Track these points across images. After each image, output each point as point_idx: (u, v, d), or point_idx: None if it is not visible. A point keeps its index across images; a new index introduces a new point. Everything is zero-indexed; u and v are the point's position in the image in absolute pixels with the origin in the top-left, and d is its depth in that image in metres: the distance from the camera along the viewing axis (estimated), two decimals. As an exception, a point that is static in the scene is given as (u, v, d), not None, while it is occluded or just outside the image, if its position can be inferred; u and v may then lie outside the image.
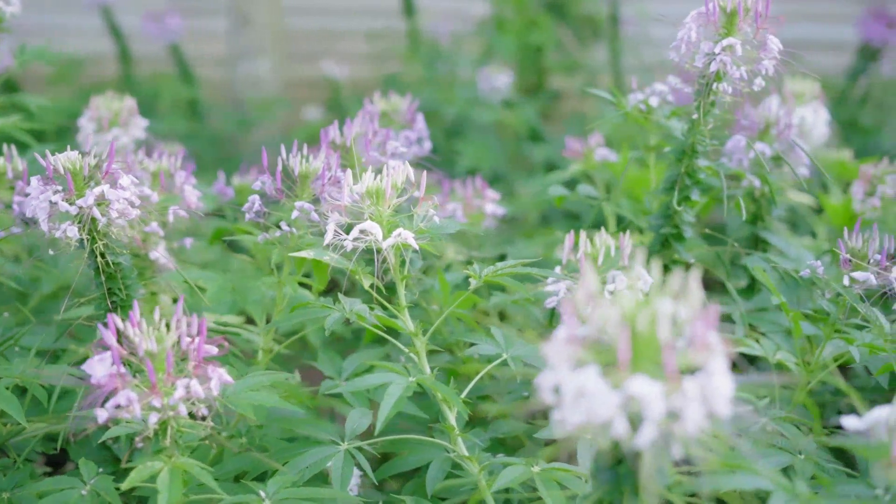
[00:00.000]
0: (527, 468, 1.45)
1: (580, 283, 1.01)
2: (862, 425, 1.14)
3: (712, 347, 1.00)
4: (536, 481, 1.43)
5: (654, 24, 5.08)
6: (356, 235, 1.50)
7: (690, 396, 0.97)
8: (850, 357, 1.65)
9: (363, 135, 1.92)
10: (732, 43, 1.67)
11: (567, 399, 0.99)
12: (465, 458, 1.55)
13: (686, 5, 3.67)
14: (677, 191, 1.82)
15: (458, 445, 1.57)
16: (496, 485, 1.41)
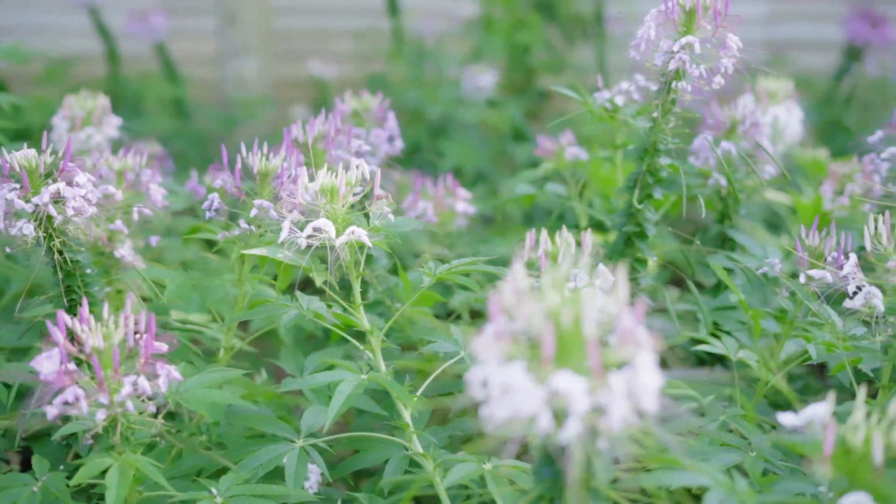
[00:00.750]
0: (478, 465, 1.45)
1: (508, 279, 1.01)
2: (798, 422, 1.14)
3: (640, 343, 1.00)
4: (486, 478, 1.43)
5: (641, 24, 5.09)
6: (310, 233, 1.50)
7: (615, 392, 0.97)
8: (810, 355, 1.65)
9: (332, 133, 1.92)
10: (691, 41, 1.67)
11: (494, 394, 0.99)
12: (421, 455, 1.56)
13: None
14: (639, 189, 1.82)
15: (414, 443, 1.58)
16: (445, 481, 1.42)
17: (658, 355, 1.02)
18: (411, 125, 4.05)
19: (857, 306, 1.42)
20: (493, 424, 1.00)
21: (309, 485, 1.70)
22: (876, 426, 1.09)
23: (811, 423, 1.13)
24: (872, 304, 1.40)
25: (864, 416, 1.10)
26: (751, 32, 5.50)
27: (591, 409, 0.97)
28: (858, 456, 1.08)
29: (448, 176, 2.41)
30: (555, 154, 2.36)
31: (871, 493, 1.07)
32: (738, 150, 2.08)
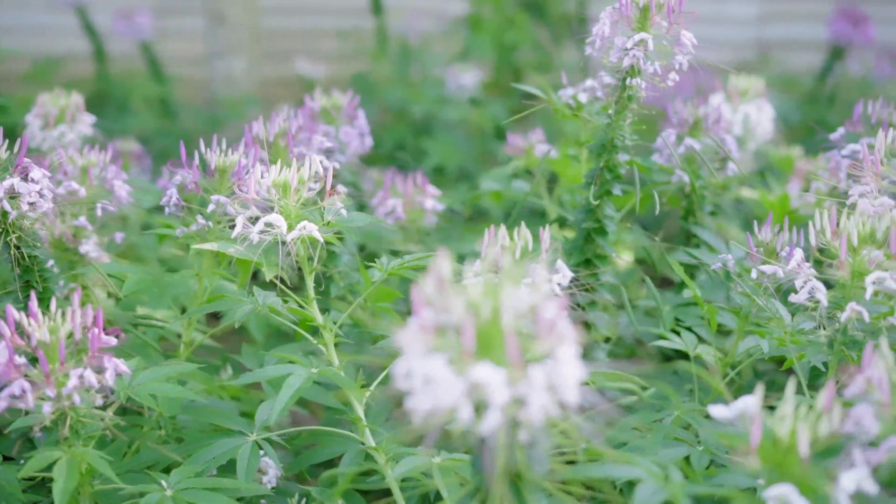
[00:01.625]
0: (427, 458, 1.46)
1: (430, 272, 1.02)
2: (730, 414, 1.15)
3: (561, 336, 1.01)
4: (434, 470, 1.44)
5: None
6: (261, 228, 1.51)
7: (535, 384, 0.98)
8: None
9: (293, 130, 1.93)
10: (645, 38, 1.68)
11: (417, 386, 1.00)
12: (373, 448, 1.57)
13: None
14: (597, 185, 1.83)
15: (366, 437, 1.59)
16: (393, 473, 1.43)
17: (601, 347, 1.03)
18: (395, 124, 4.07)
19: (801, 301, 1.42)
20: (418, 416, 1.01)
21: (267, 479, 1.71)
22: (804, 418, 1.10)
23: (742, 416, 1.14)
24: (816, 299, 1.41)
25: (791, 409, 1.11)
26: (742, 32, 5.52)
27: (511, 401, 0.98)
28: (785, 448, 1.09)
29: (418, 173, 2.42)
30: (524, 151, 2.37)
31: (798, 485, 1.08)
32: (702, 147, 2.09)
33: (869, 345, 1.13)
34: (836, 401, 1.11)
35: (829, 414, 1.10)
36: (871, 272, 1.38)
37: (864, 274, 1.39)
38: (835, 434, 1.10)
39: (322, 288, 2.09)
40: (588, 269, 1.88)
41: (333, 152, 2.28)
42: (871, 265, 1.41)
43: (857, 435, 1.12)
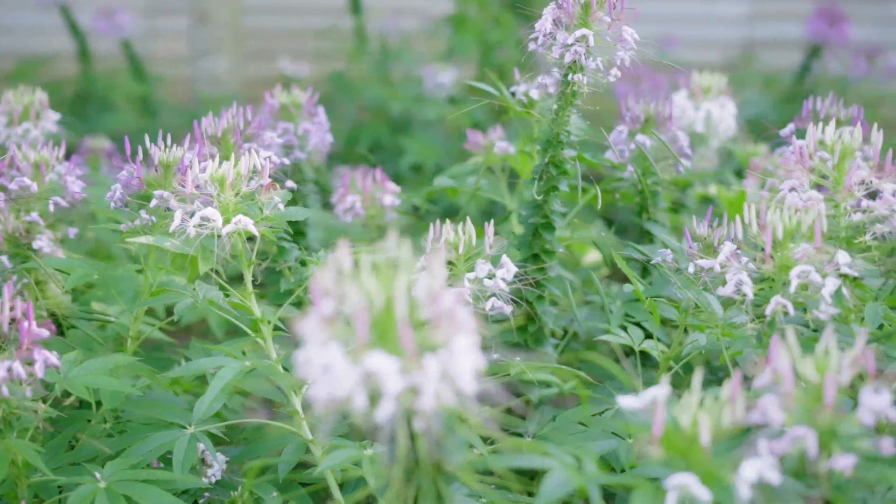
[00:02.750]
0: (359, 450, 1.47)
1: (329, 264, 1.03)
2: (639, 404, 1.15)
3: (458, 325, 1.02)
4: (364, 462, 1.45)
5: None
6: (198, 222, 1.53)
7: (429, 373, 0.99)
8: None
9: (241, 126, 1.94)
10: (585, 34, 1.69)
11: (315, 375, 1.01)
12: (310, 441, 1.58)
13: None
14: (543, 181, 1.83)
15: (303, 429, 1.60)
16: (321, 466, 1.44)
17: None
18: (373, 123, 4.09)
19: (728, 294, 1.43)
20: (318, 404, 1.02)
21: (212, 472, 1.72)
22: (709, 408, 1.11)
23: (651, 406, 1.14)
24: (743, 292, 1.42)
25: (696, 399, 1.12)
26: (731, 32, 5.52)
27: (405, 390, 0.99)
28: (689, 438, 1.10)
29: (377, 170, 2.43)
30: (484, 148, 2.38)
31: (702, 474, 1.09)
32: (655, 144, 2.10)
33: (775, 336, 1.14)
34: (743, 392, 1.12)
35: (733, 404, 1.11)
36: (796, 265, 1.39)
37: (791, 267, 1.40)
38: (739, 424, 1.11)
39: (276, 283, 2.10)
40: (535, 263, 1.89)
41: (293, 149, 2.29)
42: (803, 258, 1.42)
43: (764, 425, 1.13)
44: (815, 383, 1.11)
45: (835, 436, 1.13)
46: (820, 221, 1.40)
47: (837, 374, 1.10)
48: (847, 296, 1.41)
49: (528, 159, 2.25)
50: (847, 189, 1.45)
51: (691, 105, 2.56)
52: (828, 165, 1.49)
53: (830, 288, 1.38)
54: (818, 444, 1.13)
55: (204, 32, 4.84)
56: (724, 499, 1.07)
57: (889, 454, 1.12)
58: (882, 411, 1.10)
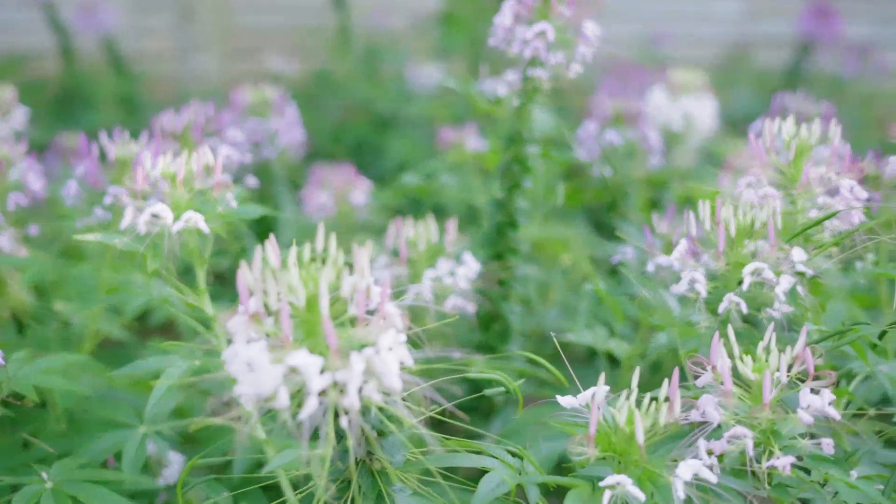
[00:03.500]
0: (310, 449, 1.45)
1: (253, 260, 1.01)
2: (577, 402, 1.13)
3: (386, 322, 1.00)
4: (313, 462, 1.43)
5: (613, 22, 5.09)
6: (147, 219, 1.51)
7: (354, 370, 0.97)
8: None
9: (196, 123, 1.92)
10: (545, 28, 1.67)
11: (241, 372, 0.99)
12: (264, 441, 1.56)
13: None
14: (506, 179, 1.82)
15: (257, 430, 1.58)
16: (269, 465, 1.42)
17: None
18: (358, 121, 4.07)
19: (682, 291, 1.41)
20: (244, 401, 1.00)
21: (169, 472, 1.71)
22: (647, 408, 1.09)
23: (589, 405, 1.13)
24: (696, 290, 1.40)
25: (633, 399, 1.10)
26: (727, 29, 5.50)
27: (330, 387, 0.98)
28: (626, 437, 1.08)
29: (347, 166, 2.41)
30: (455, 146, 2.36)
31: (639, 473, 1.07)
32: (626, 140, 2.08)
33: (716, 335, 1.12)
34: (681, 391, 1.10)
35: (670, 404, 1.09)
36: (750, 263, 1.37)
37: (745, 265, 1.38)
38: (677, 424, 1.09)
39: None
40: (500, 262, 1.87)
41: (261, 146, 2.28)
42: (760, 256, 1.40)
43: (703, 424, 1.11)
44: (754, 382, 1.09)
45: (776, 435, 1.12)
46: (774, 218, 1.38)
47: (775, 374, 1.08)
48: (802, 294, 1.39)
49: (497, 156, 2.23)
50: (803, 185, 1.43)
51: (669, 102, 2.54)
52: (784, 161, 1.47)
53: (784, 286, 1.36)
54: (759, 442, 1.12)
55: (190, 30, 4.82)
56: (661, 498, 1.06)
57: (830, 454, 1.10)
58: (820, 410, 1.08)
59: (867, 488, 1.16)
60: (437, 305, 1.77)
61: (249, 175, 1.95)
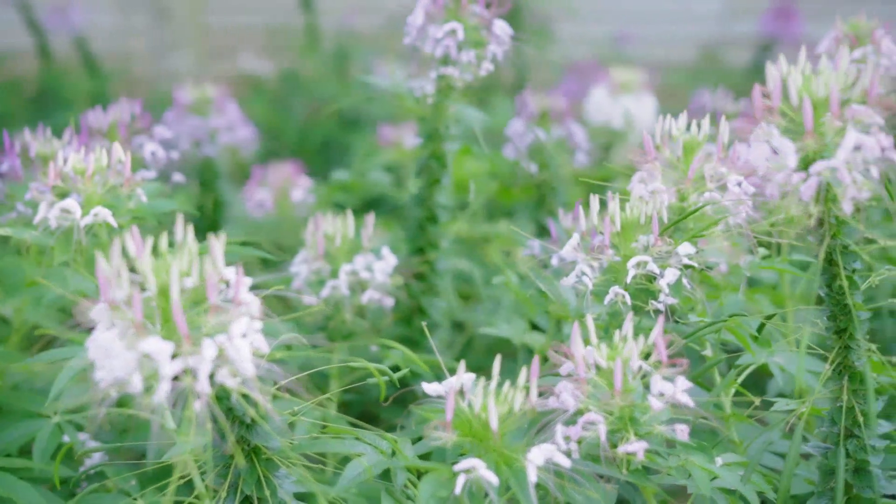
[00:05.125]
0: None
1: (113, 251, 1.04)
2: (442, 390, 1.17)
3: (238, 310, 1.04)
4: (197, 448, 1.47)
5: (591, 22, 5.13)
6: (58, 213, 1.55)
7: (205, 356, 1.01)
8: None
9: (122, 120, 1.96)
10: (455, 27, 1.70)
11: (99, 358, 1.03)
12: (175, 430, 1.60)
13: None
14: (424, 175, 1.85)
15: (167, 419, 1.61)
16: (168, 453, 1.45)
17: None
18: (324, 120, 4.10)
19: (570, 284, 1.44)
20: (102, 386, 1.04)
21: (91, 461, 1.74)
22: (504, 395, 1.12)
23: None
24: (584, 283, 1.43)
25: (493, 386, 1.13)
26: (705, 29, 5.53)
27: (182, 373, 1.01)
28: (483, 423, 1.11)
29: (289, 163, 2.45)
30: (394, 143, 2.40)
31: (494, 456, 1.10)
32: (555, 138, 2.12)
33: (576, 324, 1.15)
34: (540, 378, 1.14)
35: (528, 390, 1.12)
36: (635, 256, 1.40)
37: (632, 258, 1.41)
38: (534, 410, 1.13)
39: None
40: (421, 256, 1.90)
41: (202, 144, 2.32)
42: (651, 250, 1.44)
43: (560, 411, 1.14)
44: (607, 370, 1.13)
45: (633, 422, 1.15)
46: (660, 213, 1.41)
47: (628, 361, 1.12)
48: (688, 286, 1.43)
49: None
50: (690, 181, 1.46)
51: (609, 101, 2.57)
52: (675, 157, 1.50)
53: (669, 278, 1.40)
54: (616, 428, 1.15)
55: (165, 30, 4.86)
56: (515, 482, 1.09)
57: (684, 439, 1.14)
58: (672, 397, 1.12)
59: (726, 474, 1.19)
60: (355, 300, 1.80)
61: (176, 172, 1.99)
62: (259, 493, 1.24)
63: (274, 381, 1.15)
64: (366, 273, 1.78)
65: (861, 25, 1.89)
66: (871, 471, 1.26)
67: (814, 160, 1.07)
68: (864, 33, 1.89)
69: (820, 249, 1.15)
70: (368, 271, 1.79)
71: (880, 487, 1.26)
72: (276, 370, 1.07)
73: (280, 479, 1.26)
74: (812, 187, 1.06)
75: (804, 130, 1.07)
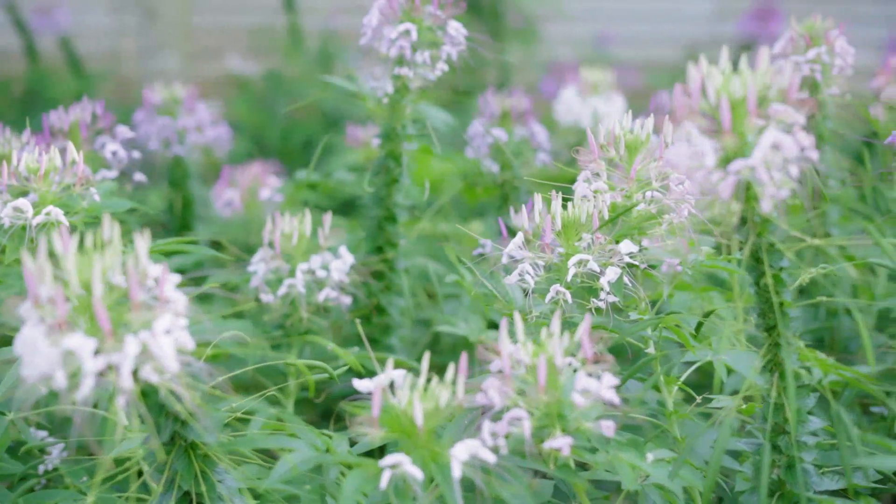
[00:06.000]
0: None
1: (39, 252, 1.06)
2: (372, 386, 1.18)
3: (162, 307, 1.05)
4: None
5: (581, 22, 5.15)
6: (10, 213, 1.56)
7: (127, 352, 1.02)
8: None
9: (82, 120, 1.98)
10: (409, 28, 1.72)
11: (25, 354, 1.04)
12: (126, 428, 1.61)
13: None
14: (382, 175, 1.87)
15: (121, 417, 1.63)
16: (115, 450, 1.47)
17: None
18: (307, 120, 4.13)
19: (513, 282, 1.46)
20: (28, 382, 1.05)
21: (49, 459, 1.76)
22: (428, 390, 1.14)
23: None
24: (526, 280, 1.44)
25: (421, 382, 1.15)
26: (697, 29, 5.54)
27: (105, 369, 1.03)
28: (409, 418, 1.13)
29: (258, 163, 2.47)
30: (363, 143, 2.41)
31: (422, 452, 1.11)
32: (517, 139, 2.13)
33: (503, 321, 1.17)
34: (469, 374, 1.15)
35: (455, 386, 1.14)
36: (577, 255, 1.41)
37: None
38: (460, 406, 1.14)
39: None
40: (379, 255, 1.92)
41: (171, 144, 2.33)
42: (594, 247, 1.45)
43: (487, 407, 1.16)
44: (533, 366, 1.14)
45: (561, 418, 1.16)
46: (601, 212, 1.43)
47: (551, 357, 1.13)
48: (629, 284, 1.44)
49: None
50: (633, 180, 1.48)
51: (579, 101, 2.58)
52: (618, 156, 1.51)
53: (610, 277, 1.41)
54: (544, 425, 1.16)
55: (153, 30, 4.88)
56: (441, 477, 1.10)
57: (610, 436, 1.15)
58: (596, 393, 1.13)
59: (656, 471, 1.20)
60: (312, 299, 1.82)
61: (138, 172, 2.01)
62: (197, 488, 1.25)
63: (212, 379, 1.17)
64: (322, 272, 1.79)
65: (816, 26, 1.91)
66: (802, 467, 1.27)
67: (734, 159, 1.08)
68: (819, 34, 1.90)
69: (745, 247, 1.16)
70: (325, 270, 1.80)
71: (812, 483, 1.28)
72: (203, 367, 1.08)
73: (222, 474, 1.28)
74: (730, 186, 1.07)
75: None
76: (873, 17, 4.93)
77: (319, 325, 1.82)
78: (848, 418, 1.18)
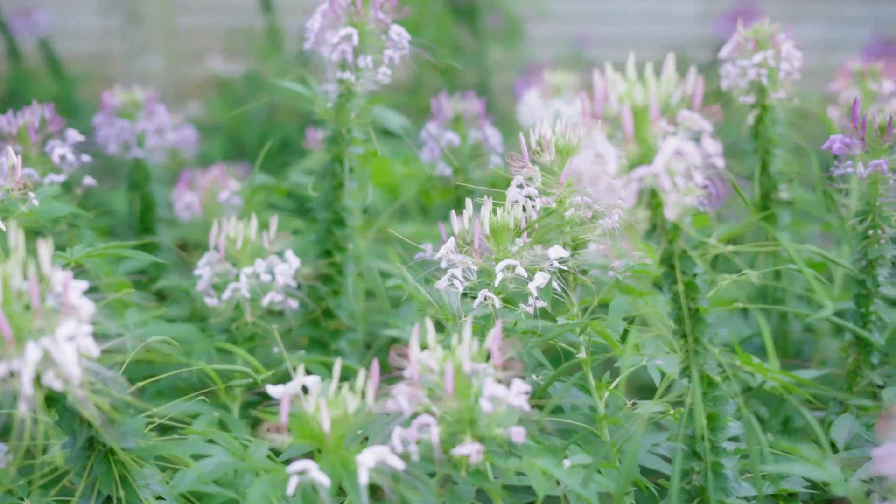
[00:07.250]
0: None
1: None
2: (280, 392, 1.18)
3: (67, 314, 1.06)
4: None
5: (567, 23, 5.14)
6: (-51, 217, 1.57)
7: (27, 359, 1.03)
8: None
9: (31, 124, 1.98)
10: (350, 32, 1.72)
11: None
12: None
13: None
14: (328, 177, 1.87)
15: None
16: (50, 452, 1.47)
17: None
18: (283, 122, 4.13)
19: (443, 287, 1.46)
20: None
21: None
22: (338, 397, 1.14)
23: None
24: (455, 285, 1.45)
25: (331, 389, 1.15)
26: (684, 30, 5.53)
27: (6, 376, 1.03)
28: (318, 424, 1.13)
29: (218, 167, 2.47)
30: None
31: (332, 458, 1.12)
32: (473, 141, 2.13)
33: (415, 327, 1.17)
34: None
35: (362, 393, 1.14)
36: (505, 260, 1.42)
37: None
38: (370, 412, 1.14)
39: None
40: (328, 259, 1.92)
41: (130, 147, 2.34)
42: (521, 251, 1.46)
43: (397, 413, 1.16)
44: (441, 372, 1.14)
45: (472, 424, 1.16)
46: (529, 217, 1.43)
47: (459, 364, 1.13)
48: (557, 289, 1.44)
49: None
50: (562, 185, 1.48)
51: (541, 104, 2.58)
52: (550, 161, 1.52)
53: (539, 282, 1.41)
54: (455, 431, 1.17)
55: (136, 31, 4.89)
56: (348, 483, 1.11)
57: (520, 442, 1.15)
58: (504, 400, 1.13)
59: (567, 477, 1.20)
60: (258, 303, 1.82)
61: (87, 175, 2.01)
62: (117, 493, 1.26)
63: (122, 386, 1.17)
64: (267, 276, 1.80)
65: (763, 30, 1.91)
66: (722, 472, 1.27)
67: (637, 166, 1.09)
68: (766, 38, 1.90)
69: (657, 254, 1.17)
70: (270, 274, 1.80)
71: (731, 489, 1.28)
72: (108, 374, 1.09)
73: (148, 479, 1.28)
74: (633, 192, 1.07)
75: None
76: (860, 18, 4.92)
77: (266, 329, 1.82)
78: (756, 424, 1.18)
